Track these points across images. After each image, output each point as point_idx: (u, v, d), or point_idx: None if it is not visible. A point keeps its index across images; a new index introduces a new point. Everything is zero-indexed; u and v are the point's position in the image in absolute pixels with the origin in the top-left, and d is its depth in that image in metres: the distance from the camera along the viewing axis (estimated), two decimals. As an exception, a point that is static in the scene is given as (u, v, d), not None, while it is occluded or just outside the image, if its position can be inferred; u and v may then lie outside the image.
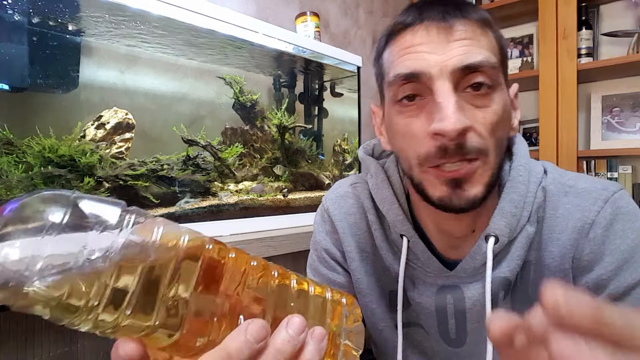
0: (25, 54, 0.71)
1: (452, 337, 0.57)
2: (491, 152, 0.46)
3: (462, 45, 0.45)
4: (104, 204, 0.24)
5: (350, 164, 1.50)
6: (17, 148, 0.72)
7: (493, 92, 0.46)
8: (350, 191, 0.64)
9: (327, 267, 0.65)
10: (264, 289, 0.29)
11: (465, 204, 0.46)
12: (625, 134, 1.76)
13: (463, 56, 0.44)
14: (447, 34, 0.45)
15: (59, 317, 0.22)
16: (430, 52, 0.45)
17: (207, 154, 1.03)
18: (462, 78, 0.45)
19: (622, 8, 1.78)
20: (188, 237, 0.26)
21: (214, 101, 1.15)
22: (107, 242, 0.23)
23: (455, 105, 0.43)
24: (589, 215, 0.50)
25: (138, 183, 0.86)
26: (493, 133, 0.46)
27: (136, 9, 0.83)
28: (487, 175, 0.47)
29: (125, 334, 0.24)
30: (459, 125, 0.43)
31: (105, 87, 0.91)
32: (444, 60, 0.44)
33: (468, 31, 0.45)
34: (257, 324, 0.25)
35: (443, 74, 0.44)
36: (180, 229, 0.27)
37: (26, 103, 0.77)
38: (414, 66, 0.45)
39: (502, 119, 0.47)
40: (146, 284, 0.24)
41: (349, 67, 1.40)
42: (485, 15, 0.48)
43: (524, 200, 0.51)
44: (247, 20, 1.03)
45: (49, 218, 0.22)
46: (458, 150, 0.44)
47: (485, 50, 0.46)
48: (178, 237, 0.26)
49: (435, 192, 0.47)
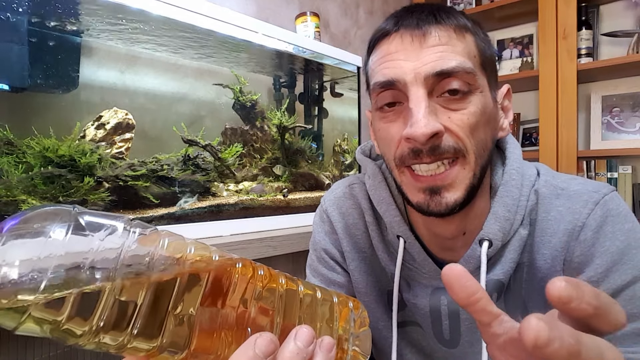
0: (25, 54, 0.71)
1: (446, 337, 0.57)
2: (470, 153, 0.46)
3: (435, 52, 0.45)
4: (106, 219, 0.23)
5: (350, 164, 1.50)
6: (17, 148, 0.72)
7: (470, 95, 0.46)
8: (348, 192, 0.65)
9: (327, 267, 0.65)
10: (272, 298, 0.28)
11: (444, 210, 0.47)
12: (625, 134, 1.76)
13: (436, 62, 0.45)
14: (420, 41, 0.46)
15: (60, 339, 0.22)
16: (405, 59, 0.46)
17: (207, 154, 1.04)
18: (436, 84, 0.46)
19: (622, 8, 1.78)
20: (194, 249, 0.26)
21: (214, 101, 1.15)
22: (110, 259, 0.22)
23: (425, 111, 0.44)
24: (580, 218, 0.51)
25: (138, 183, 0.86)
26: (472, 134, 0.46)
27: (136, 9, 0.83)
28: (467, 178, 0.47)
29: (131, 353, 0.23)
30: (427, 129, 0.44)
31: (105, 87, 0.91)
32: (418, 67, 0.45)
33: (442, 37, 0.46)
34: (265, 339, 0.25)
35: (417, 80, 0.45)
36: (185, 241, 0.26)
37: (26, 103, 0.77)
38: (390, 74, 0.47)
39: (482, 120, 0.47)
40: (151, 301, 0.23)
41: (349, 67, 1.40)
42: (462, 20, 0.48)
43: (517, 204, 0.52)
44: (247, 20, 1.03)
45: (50, 235, 0.21)
46: (431, 152, 0.45)
47: (460, 55, 0.46)
48: (183, 250, 0.25)
49: (414, 198, 0.49)
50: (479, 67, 0.48)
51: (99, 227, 0.23)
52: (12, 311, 0.20)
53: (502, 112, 0.54)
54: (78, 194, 0.76)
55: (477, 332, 0.54)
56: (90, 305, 0.21)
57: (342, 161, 1.48)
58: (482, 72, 0.48)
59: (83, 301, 0.21)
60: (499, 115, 0.52)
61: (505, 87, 0.54)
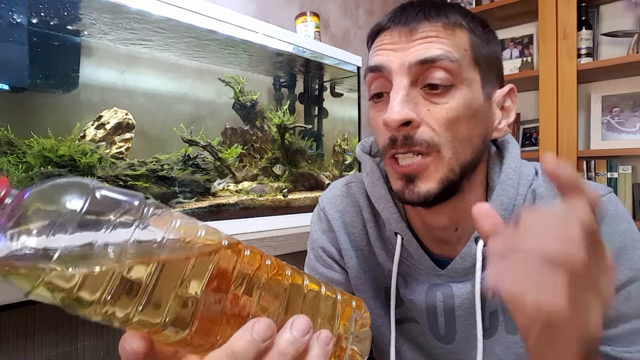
0: (25, 54, 0.71)
1: (441, 333, 0.58)
2: (444, 148, 0.47)
3: (421, 43, 0.47)
4: (123, 195, 0.24)
5: (350, 164, 1.50)
6: (17, 148, 0.72)
7: (454, 89, 0.47)
8: (345, 190, 0.66)
9: (325, 265, 0.66)
10: (276, 288, 0.28)
11: (417, 199, 0.48)
12: (625, 134, 1.76)
13: (420, 52, 0.46)
14: (407, 37, 0.48)
15: (70, 308, 0.22)
16: (393, 49, 0.48)
17: (207, 154, 1.04)
18: (420, 73, 0.47)
19: (622, 8, 1.78)
20: (204, 233, 0.26)
21: (214, 101, 1.15)
22: (124, 234, 0.23)
23: (401, 98, 0.46)
24: None
25: (138, 183, 0.86)
26: (448, 129, 0.47)
27: (136, 9, 0.83)
28: (441, 171, 0.47)
29: (134, 328, 0.24)
30: (399, 115, 0.45)
31: (105, 87, 0.91)
32: (403, 57, 0.47)
33: (430, 32, 0.47)
34: (263, 323, 0.25)
35: (402, 69, 0.47)
36: (197, 224, 0.27)
37: (26, 103, 0.77)
38: (378, 60, 0.49)
39: (465, 116, 0.47)
40: (158, 279, 0.23)
41: (349, 67, 1.40)
42: (453, 17, 0.49)
43: (514, 203, 0.52)
44: (247, 20, 1.03)
45: (67, 206, 0.22)
46: (405, 142, 0.47)
47: (447, 47, 0.47)
48: (195, 233, 0.26)
49: (394, 185, 0.51)
50: (470, 61, 0.48)
51: (114, 203, 0.23)
52: (27, 277, 0.21)
53: (500, 112, 0.53)
54: (78, 194, 0.76)
55: (472, 329, 0.54)
56: (100, 278, 0.22)
57: (342, 161, 1.48)
58: (474, 67, 0.48)
59: (94, 273, 0.22)
60: (492, 114, 0.52)
61: (507, 87, 0.54)
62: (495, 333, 0.56)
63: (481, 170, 0.54)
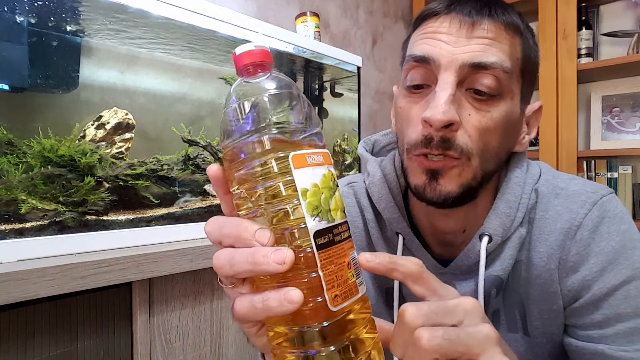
0: (25, 54, 0.71)
1: None
2: (474, 157, 0.46)
3: (479, 43, 0.44)
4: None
5: (350, 164, 1.50)
6: (17, 148, 0.72)
7: (499, 99, 0.46)
8: (346, 190, 0.66)
9: None
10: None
11: (437, 198, 0.47)
12: (625, 134, 1.76)
13: (476, 53, 0.44)
14: (468, 30, 0.45)
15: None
16: (447, 42, 0.45)
17: (207, 154, 1.04)
18: (469, 75, 0.45)
19: (622, 8, 1.78)
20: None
21: (214, 101, 1.15)
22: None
23: (449, 98, 0.44)
24: (577, 218, 0.51)
25: (138, 183, 0.86)
26: (482, 138, 0.46)
27: (136, 9, 0.83)
28: (465, 176, 0.47)
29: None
30: (445, 116, 0.43)
31: (105, 87, 0.91)
32: (457, 53, 0.45)
33: (491, 31, 0.45)
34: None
35: (452, 65, 0.45)
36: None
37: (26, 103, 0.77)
38: (427, 50, 0.46)
39: (501, 128, 0.47)
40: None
41: (349, 67, 1.40)
42: (516, 20, 0.47)
43: (519, 202, 0.52)
44: (247, 20, 1.03)
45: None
46: (441, 143, 0.45)
47: (503, 54, 0.45)
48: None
49: (414, 180, 0.49)
50: (518, 72, 0.47)
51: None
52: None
53: (526, 127, 0.53)
54: (78, 194, 0.76)
55: None
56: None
57: (342, 161, 1.48)
58: (520, 78, 0.48)
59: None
60: (521, 129, 0.52)
61: (537, 104, 0.54)
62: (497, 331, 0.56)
63: (495, 177, 0.54)
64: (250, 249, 0.29)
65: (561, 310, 0.52)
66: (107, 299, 0.77)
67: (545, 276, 0.52)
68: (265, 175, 0.29)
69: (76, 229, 0.74)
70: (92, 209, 0.77)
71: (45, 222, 0.71)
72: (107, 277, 0.66)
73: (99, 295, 0.76)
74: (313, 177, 0.29)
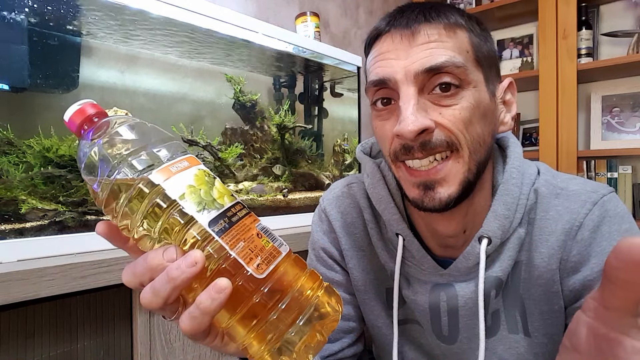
0: (25, 54, 0.71)
1: (444, 334, 0.58)
2: (463, 147, 0.47)
3: (424, 49, 0.46)
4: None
5: (350, 164, 1.50)
6: (17, 148, 0.72)
7: (462, 90, 0.47)
8: (346, 191, 0.66)
9: (325, 265, 0.66)
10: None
11: (438, 205, 0.47)
12: (625, 134, 1.76)
13: (425, 59, 0.46)
14: (409, 40, 0.47)
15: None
16: (395, 58, 0.47)
17: (207, 154, 1.03)
18: (427, 80, 0.46)
19: (622, 8, 1.78)
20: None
21: (214, 101, 1.15)
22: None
23: (413, 108, 0.45)
24: (577, 218, 0.51)
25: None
26: (465, 128, 0.46)
27: (136, 9, 0.83)
28: (461, 173, 0.47)
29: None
30: (414, 126, 0.44)
31: (105, 87, 0.91)
32: (407, 65, 0.46)
33: (432, 35, 0.46)
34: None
35: (407, 78, 0.46)
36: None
37: (26, 103, 0.77)
38: (382, 73, 0.48)
39: (476, 114, 0.47)
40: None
41: (349, 67, 1.40)
42: (453, 18, 0.48)
43: (517, 203, 0.52)
44: (247, 20, 1.03)
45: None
46: (422, 148, 0.46)
47: (451, 51, 0.46)
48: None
49: (409, 193, 0.50)
50: (473, 62, 0.48)
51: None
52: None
53: (503, 107, 0.53)
54: (78, 194, 0.76)
55: (475, 328, 0.54)
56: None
57: (342, 161, 1.48)
58: (477, 67, 0.48)
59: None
60: (497, 111, 0.52)
61: (507, 81, 0.54)
62: (497, 332, 0.56)
63: (489, 169, 0.54)
64: (164, 271, 0.30)
65: (562, 310, 0.52)
66: (107, 299, 0.77)
67: (547, 276, 0.52)
68: (141, 202, 0.31)
69: (76, 229, 0.74)
70: (92, 209, 0.77)
71: (45, 222, 0.71)
72: (107, 277, 0.66)
73: (99, 295, 0.76)
74: (185, 181, 0.32)
